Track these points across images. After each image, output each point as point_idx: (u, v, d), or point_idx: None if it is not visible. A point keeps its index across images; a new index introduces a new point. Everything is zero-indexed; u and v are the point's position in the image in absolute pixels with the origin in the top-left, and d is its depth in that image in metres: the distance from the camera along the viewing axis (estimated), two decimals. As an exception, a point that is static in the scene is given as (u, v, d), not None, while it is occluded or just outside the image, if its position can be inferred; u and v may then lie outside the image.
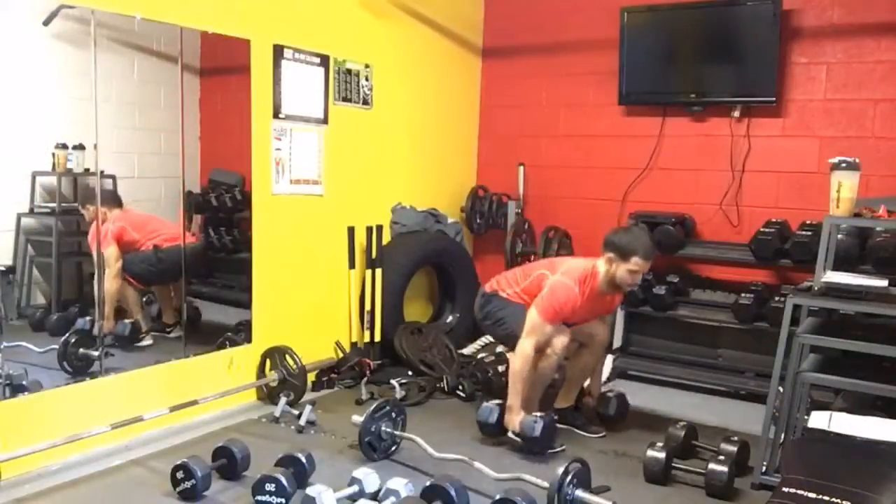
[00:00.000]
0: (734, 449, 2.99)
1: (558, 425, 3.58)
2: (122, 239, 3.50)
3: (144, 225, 3.64)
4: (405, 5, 4.54)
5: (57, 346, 3.18)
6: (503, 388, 3.39)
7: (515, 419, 3.20)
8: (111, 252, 3.44)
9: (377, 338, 4.33)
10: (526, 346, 3.22)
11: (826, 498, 2.00)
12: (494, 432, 3.29)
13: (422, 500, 2.53)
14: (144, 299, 3.76)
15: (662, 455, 2.91)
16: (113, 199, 3.46)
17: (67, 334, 3.22)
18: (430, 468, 2.92)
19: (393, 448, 3.13)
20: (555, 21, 4.90)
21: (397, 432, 3.11)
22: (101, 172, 3.29)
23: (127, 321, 3.53)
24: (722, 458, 2.89)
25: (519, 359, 3.24)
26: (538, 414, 3.23)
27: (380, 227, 4.37)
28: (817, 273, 2.87)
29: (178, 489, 2.66)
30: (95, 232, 3.31)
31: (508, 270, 3.70)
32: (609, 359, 4.32)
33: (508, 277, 3.56)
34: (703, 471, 2.84)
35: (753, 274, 4.26)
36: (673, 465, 2.95)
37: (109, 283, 3.41)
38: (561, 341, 3.26)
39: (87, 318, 3.33)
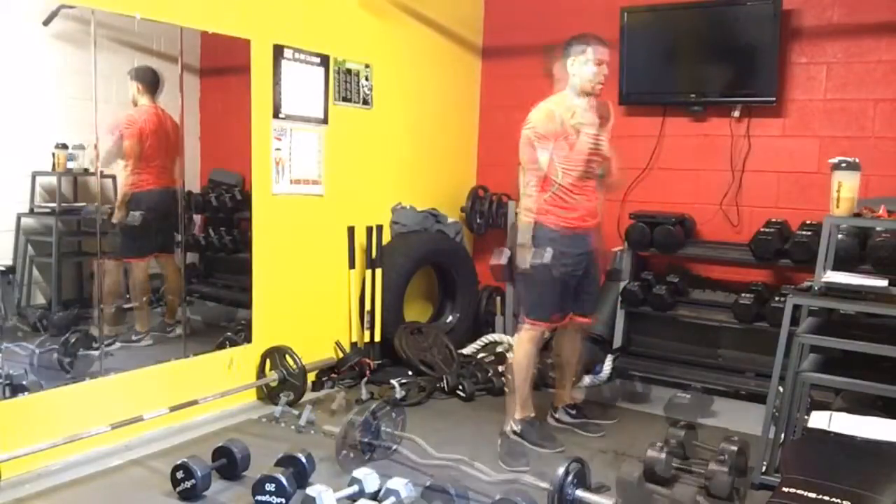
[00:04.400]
0: (735, 448, 2.96)
1: (561, 424, 3.61)
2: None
3: (151, 149, 3.51)
4: (405, 5, 4.54)
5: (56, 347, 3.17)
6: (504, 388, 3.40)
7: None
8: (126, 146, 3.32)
9: (377, 338, 4.33)
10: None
11: (826, 498, 2.00)
12: (508, 276, 3.36)
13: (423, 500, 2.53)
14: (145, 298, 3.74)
15: (663, 455, 2.89)
16: (145, 80, 3.40)
17: (66, 335, 3.19)
18: (429, 469, 2.91)
19: (392, 448, 3.11)
20: (555, 21, 4.89)
21: (396, 431, 3.10)
22: (101, 172, 3.30)
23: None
24: (722, 458, 2.87)
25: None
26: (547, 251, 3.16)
27: (380, 227, 4.37)
28: (817, 273, 2.87)
29: (178, 489, 2.66)
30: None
31: None
32: (609, 359, 4.32)
33: (526, 191, 3.32)
34: (703, 471, 2.84)
35: (753, 274, 4.26)
36: (673, 465, 2.94)
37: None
38: (528, 335, 3.27)
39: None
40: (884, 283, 2.77)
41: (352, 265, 4.27)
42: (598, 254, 3.45)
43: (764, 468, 2.90)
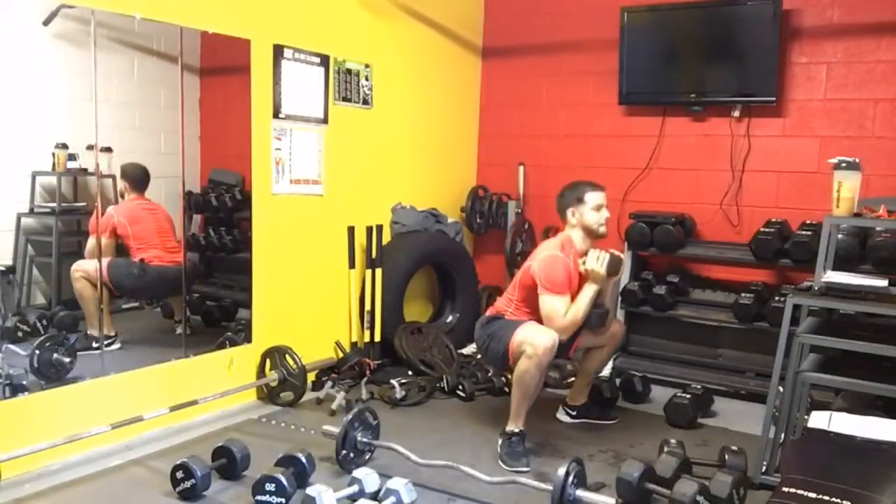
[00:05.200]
0: (738, 462, 2.91)
1: (574, 420, 3.63)
2: (116, 232, 3.42)
3: (144, 231, 3.57)
4: (405, 5, 4.54)
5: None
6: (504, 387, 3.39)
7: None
8: (92, 243, 3.33)
9: (377, 338, 4.33)
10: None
11: (826, 498, 2.00)
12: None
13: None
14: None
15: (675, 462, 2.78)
16: (132, 177, 3.42)
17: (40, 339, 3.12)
18: (420, 473, 2.88)
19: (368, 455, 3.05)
20: (555, 21, 4.90)
21: (375, 441, 3.03)
22: (101, 172, 3.30)
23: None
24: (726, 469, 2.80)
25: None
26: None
27: (380, 227, 4.37)
28: (817, 273, 2.87)
29: (177, 489, 2.66)
30: (95, 217, 3.26)
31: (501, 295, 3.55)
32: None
33: (503, 298, 3.44)
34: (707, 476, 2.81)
35: (753, 274, 4.26)
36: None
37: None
38: (543, 342, 3.03)
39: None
40: (884, 283, 2.77)
41: (352, 265, 4.27)
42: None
43: (764, 468, 2.90)
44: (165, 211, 3.66)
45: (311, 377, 3.84)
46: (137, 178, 3.52)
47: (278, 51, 3.75)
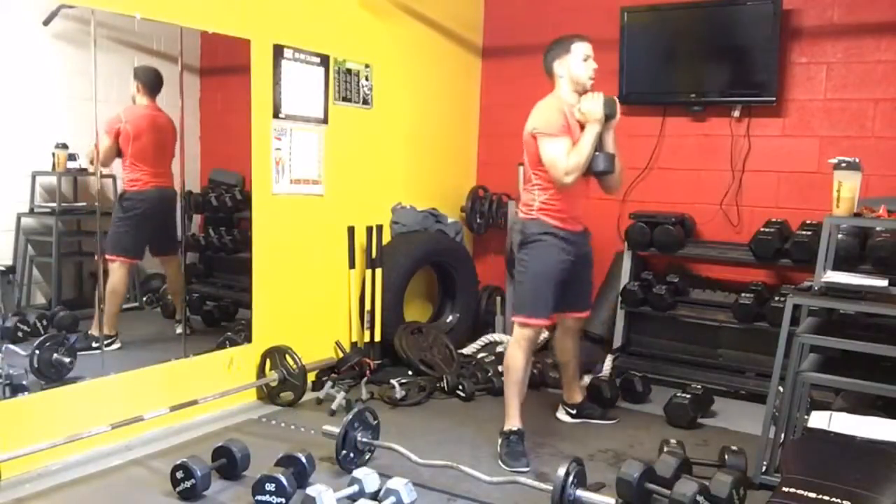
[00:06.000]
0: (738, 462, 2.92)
1: (574, 420, 3.62)
2: (118, 138, 3.33)
3: (143, 150, 3.45)
4: (405, 5, 4.54)
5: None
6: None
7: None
8: (103, 146, 3.21)
9: (377, 338, 4.33)
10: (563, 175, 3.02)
11: (826, 498, 2.00)
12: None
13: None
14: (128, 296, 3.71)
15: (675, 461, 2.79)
16: (145, 80, 3.37)
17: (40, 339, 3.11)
18: (420, 473, 2.89)
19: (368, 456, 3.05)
20: (555, 21, 4.88)
21: (375, 441, 3.03)
22: (101, 172, 3.30)
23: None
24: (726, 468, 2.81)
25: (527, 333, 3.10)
26: None
27: (380, 227, 4.37)
28: (817, 273, 2.87)
29: (177, 489, 2.66)
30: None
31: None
32: (609, 358, 4.32)
33: (525, 193, 3.32)
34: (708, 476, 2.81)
35: (753, 274, 4.26)
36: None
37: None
38: (526, 333, 3.15)
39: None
40: (884, 283, 2.77)
41: (352, 265, 4.27)
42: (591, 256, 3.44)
43: (764, 468, 2.90)
44: (172, 123, 3.53)
45: (311, 377, 3.84)
46: (150, 81, 3.44)
47: (278, 51, 3.75)
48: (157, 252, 3.77)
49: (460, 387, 3.96)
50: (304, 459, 2.72)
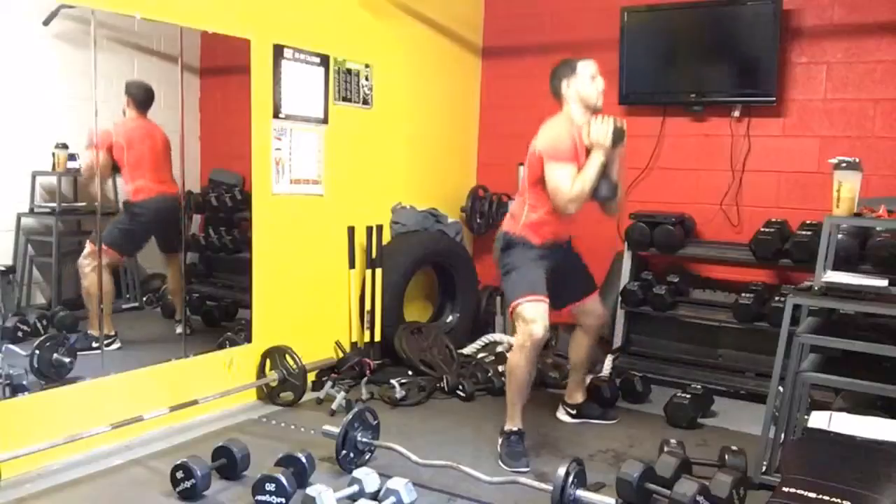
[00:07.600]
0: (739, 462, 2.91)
1: (574, 420, 3.63)
2: (112, 152, 3.31)
3: (138, 158, 3.43)
4: (405, 5, 4.54)
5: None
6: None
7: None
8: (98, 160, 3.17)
9: (377, 338, 4.33)
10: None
11: (826, 498, 2.00)
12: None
13: None
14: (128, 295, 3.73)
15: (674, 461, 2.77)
16: (136, 95, 3.34)
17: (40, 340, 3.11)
18: (420, 473, 2.88)
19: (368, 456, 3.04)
20: (555, 21, 4.90)
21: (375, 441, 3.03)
22: (101, 172, 3.30)
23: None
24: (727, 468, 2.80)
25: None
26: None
27: (380, 227, 4.37)
28: (817, 273, 2.87)
29: (177, 489, 2.66)
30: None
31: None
32: (609, 358, 4.32)
33: (516, 201, 3.31)
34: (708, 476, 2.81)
35: (753, 274, 4.26)
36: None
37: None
38: (532, 329, 3.00)
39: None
40: (884, 283, 2.77)
41: (352, 265, 4.27)
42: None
43: (764, 468, 2.90)
44: (164, 135, 3.54)
45: (311, 377, 3.84)
46: (141, 96, 3.43)
47: (278, 51, 3.75)
48: (164, 249, 3.79)
49: (460, 387, 3.96)
50: (304, 459, 2.72)
